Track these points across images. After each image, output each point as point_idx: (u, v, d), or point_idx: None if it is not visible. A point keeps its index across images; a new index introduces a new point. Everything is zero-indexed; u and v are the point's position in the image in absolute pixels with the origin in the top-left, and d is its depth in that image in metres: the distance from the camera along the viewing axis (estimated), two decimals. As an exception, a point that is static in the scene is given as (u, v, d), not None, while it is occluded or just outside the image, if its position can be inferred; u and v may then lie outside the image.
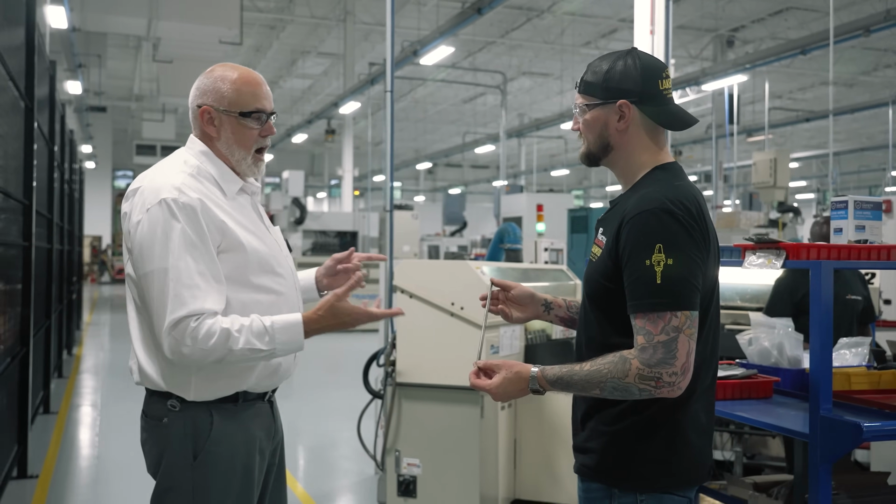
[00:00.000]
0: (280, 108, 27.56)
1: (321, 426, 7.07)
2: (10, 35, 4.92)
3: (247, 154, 2.10)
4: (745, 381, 2.74)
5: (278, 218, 15.59)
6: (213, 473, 2.00)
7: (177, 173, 2.02)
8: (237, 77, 2.08)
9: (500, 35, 19.01)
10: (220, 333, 1.89)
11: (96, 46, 18.48)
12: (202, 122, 2.08)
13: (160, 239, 1.92)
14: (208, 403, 2.01)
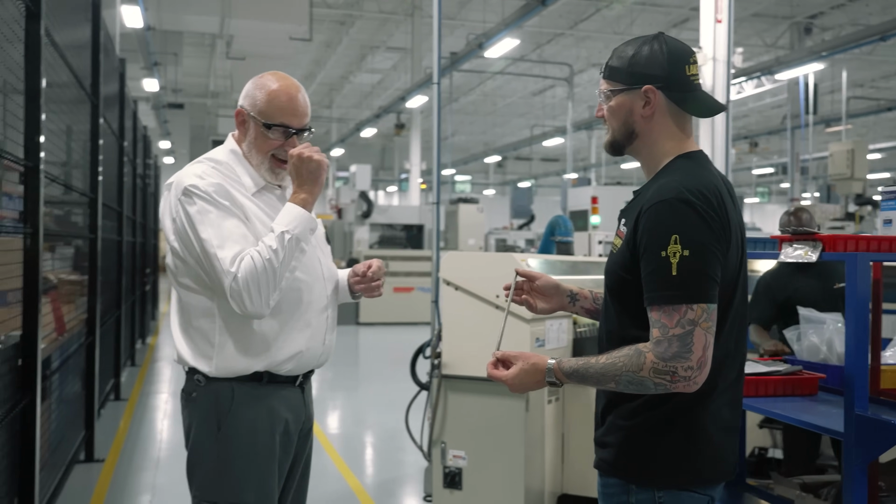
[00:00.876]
0: (350, 103, 27.96)
1: (382, 417, 7.14)
2: (77, 35, 5.10)
3: (263, 159, 2.19)
4: (789, 377, 2.66)
5: (346, 211, 15.77)
6: (234, 447, 2.11)
7: (201, 165, 2.16)
8: (275, 88, 2.16)
9: (569, 27, 18.80)
10: (248, 260, 2.00)
11: (173, 45, 18.97)
12: (237, 122, 2.23)
13: (189, 223, 2.06)
14: (231, 380, 2.12)
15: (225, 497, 2.12)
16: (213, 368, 2.12)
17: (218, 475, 2.12)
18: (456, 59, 14.49)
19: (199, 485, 2.15)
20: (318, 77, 24.61)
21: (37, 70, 3.49)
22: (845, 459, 2.04)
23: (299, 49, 20.07)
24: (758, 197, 34.23)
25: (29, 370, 3.48)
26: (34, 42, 3.49)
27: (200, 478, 2.15)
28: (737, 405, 1.87)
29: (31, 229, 3.47)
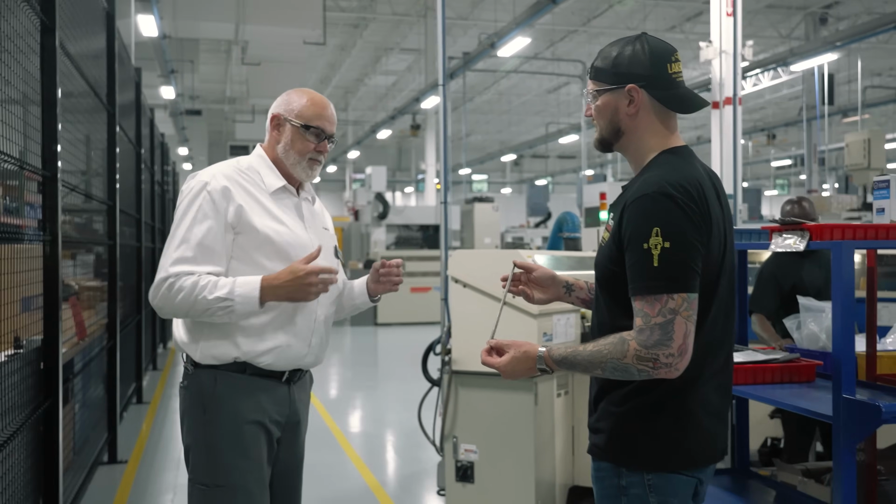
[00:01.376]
0: (365, 105, 28.10)
1: (399, 415, 7.24)
2: (92, 46, 5.22)
3: (300, 159, 2.39)
4: (786, 365, 2.71)
5: (362, 213, 15.87)
6: (219, 432, 2.25)
7: (224, 165, 2.36)
8: (311, 97, 2.41)
9: (582, 24, 18.81)
10: (190, 285, 2.19)
11: (189, 52, 19.16)
12: (271, 126, 2.41)
13: (184, 211, 2.27)
14: (215, 368, 2.27)
15: (213, 479, 2.26)
16: (198, 354, 2.28)
17: (206, 459, 2.27)
18: (469, 58, 14.54)
19: (191, 468, 2.32)
20: (334, 80, 24.77)
21: (52, 82, 3.59)
22: (834, 442, 2.09)
23: (314, 53, 20.22)
24: (777, 189, 34.05)
25: (51, 373, 3.58)
26: (49, 55, 3.60)
27: (192, 462, 2.31)
28: (725, 391, 1.93)
29: (49, 237, 3.58)
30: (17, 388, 3.12)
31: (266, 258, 2.28)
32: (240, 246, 2.28)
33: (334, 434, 6.53)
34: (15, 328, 3.19)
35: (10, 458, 2.97)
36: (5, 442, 2.85)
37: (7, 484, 2.93)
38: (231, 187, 2.28)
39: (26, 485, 3.32)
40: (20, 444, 3.17)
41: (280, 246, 2.30)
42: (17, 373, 3.13)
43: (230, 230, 2.26)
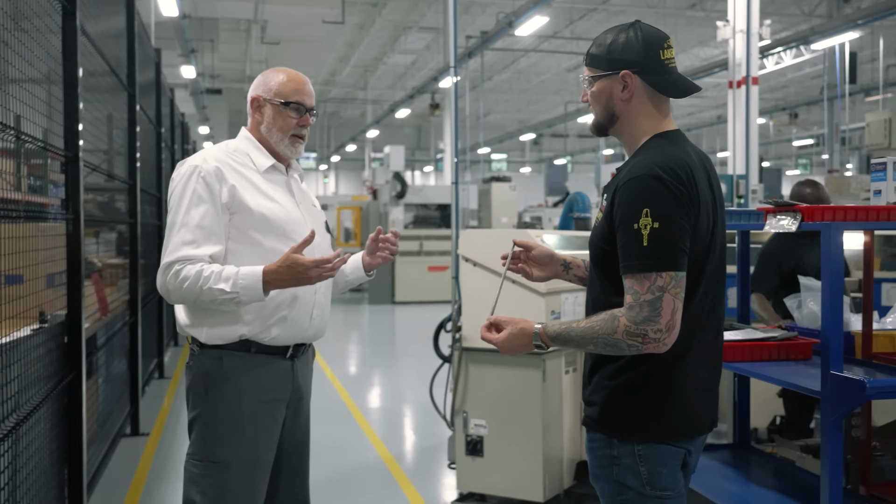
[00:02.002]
0: (384, 84, 28.08)
1: (416, 391, 7.36)
2: (112, 28, 5.33)
3: (283, 136, 2.47)
4: (783, 343, 2.78)
5: (381, 192, 15.96)
6: (220, 409, 2.33)
7: (213, 149, 2.43)
8: (284, 76, 2.47)
9: (601, 2, 18.70)
10: (194, 275, 2.24)
11: (209, 32, 19.24)
12: (252, 109, 2.48)
13: (179, 197, 2.33)
14: (220, 348, 2.34)
15: (209, 456, 2.34)
16: (203, 335, 2.35)
17: (205, 436, 2.35)
18: (486, 38, 14.54)
19: (191, 444, 2.40)
20: (353, 59, 24.77)
21: (73, 64, 3.70)
22: (822, 416, 2.17)
23: (332, 32, 20.24)
24: (799, 169, 33.73)
25: (74, 347, 3.72)
26: (70, 38, 3.70)
27: (193, 438, 2.39)
28: (714, 365, 2.00)
29: (72, 215, 3.70)
30: (41, 361, 3.26)
31: (262, 235, 2.34)
32: (235, 226, 2.33)
33: (350, 410, 6.67)
34: (40, 303, 3.32)
35: (35, 427, 3.10)
36: (31, 412, 2.98)
37: (33, 452, 3.06)
38: (222, 168, 2.34)
39: (52, 453, 3.46)
40: (45, 414, 3.30)
41: (275, 223, 2.35)
42: (41, 346, 3.26)
43: (225, 211, 2.32)
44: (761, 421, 4.70)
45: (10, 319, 2.82)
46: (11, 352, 2.76)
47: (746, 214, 2.67)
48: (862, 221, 2.29)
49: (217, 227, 2.31)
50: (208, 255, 2.28)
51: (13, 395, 2.78)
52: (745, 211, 2.72)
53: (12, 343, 2.78)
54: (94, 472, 4.40)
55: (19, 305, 3.01)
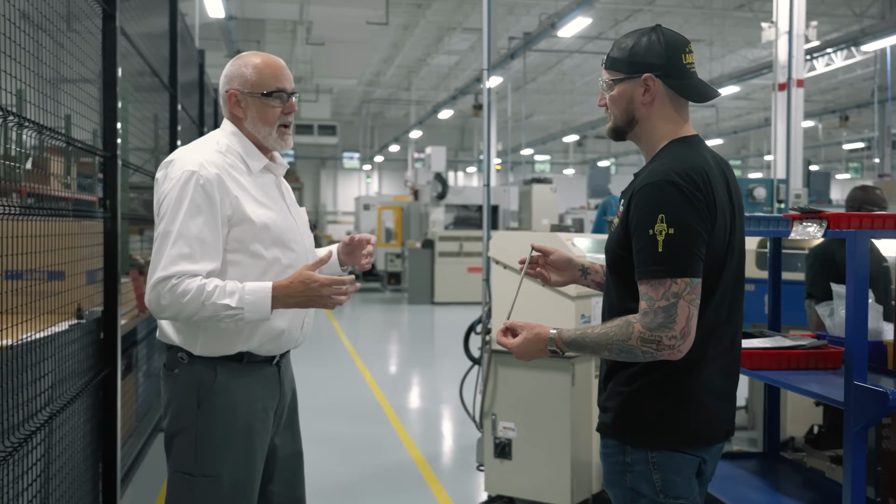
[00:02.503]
0: (428, 84, 28.15)
1: (451, 392, 7.37)
2: (155, 30, 5.43)
3: (271, 129, 2.30)
4: (812, 351, 2.73)
5: (422, 193, 16.00)
6: (215, 422, 2.22)
7: (205, 150, 2.26)
8: (259, 62, 2.30)
9: (647, 2, 18.53)
10: (196, 290, 2.10)
11: (256, 33, 19.49)
12: (230, 105, 2.32)
13: (175, 204, 2.16)
14: (213, 359, 2.23)
15: (200, 469, 2.22)
16: (198, 348, 2.22)
17: (195, 449, 2.22)
18: (529, 39, 14.50)
19: (175, 457, 2.26)
20: (397, 60, 24.88)
21: (113, 66, 3.77)
22: (844, 427, 2.13)
23: (377, 33, 20.35)
24: (849, 173, 33.03)
25: (110, 342, 3.80)
26: (110, 40, 3.78)
27: (178, 451, 2.25)
28: (731, 373, 1.98)
29: (109, 213, 3.78)
30: (77, 356, 3.33)
31: (263, 247, 2.23)
32: (236, 238, 2.20)
33: (385, 410, 6.70)
34: (77, 299, 3.41)
35: (69, 420, 3.17)
36: (65, 405, 3.05)
37: (68, 444, 3.13)
38: (223, 177, 2.19)
39: (87, 446, 3.54)
40: (80, 408, 3.38)
41: (276, 233, 2.25)
42: (77, 341, 3.33)
43: (226, 224, 2.18)
44: (799, 430, 4.62)
45: (49, 314, 2.89)
46: (46, 346, 2.83)
47: (775, 221, 2.63)
48: (889, 230, 2.25)
49: (216, 240, 2.16)
50: (206, 271, 2.14)
51: (47, 389, 2.86)
52: (771, 217, 2.68)
53: (47, 338, 2.85)
54: (129, 465, 4.49)
55: (58, 301, 3.10)
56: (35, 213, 2.75)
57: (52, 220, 2.93)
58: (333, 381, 8.00)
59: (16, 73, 2.42)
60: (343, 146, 32.31)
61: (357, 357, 9.35)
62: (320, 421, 6.27)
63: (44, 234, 2.81)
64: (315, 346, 10.39)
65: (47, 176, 4.05)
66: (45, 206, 2.90)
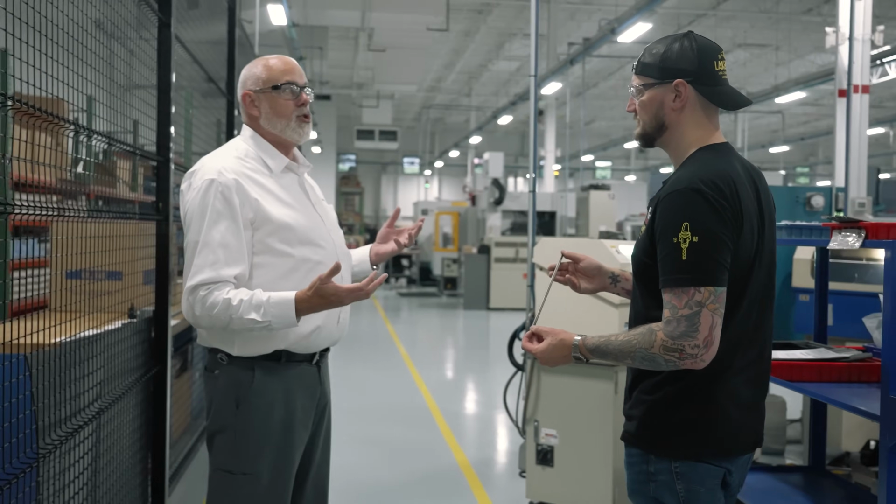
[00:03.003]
0: (489, 90, 28.19)
1: (500, 397, 7.37)
2: (213, 38, 5.58)
3: (288, 121, 2.35)
4: (854, 364, 2.67)
5: (479, 198, 16.02)
6: (253, 421, 2.28)
7: (225, 157, 2.32)
8: (268, 61, 2.38)
9: (711, 7, 18.25)
10: (223, 304, 2.16)
11: (319, 39, 19.81)
12: (246, 106, 2.38)
13: (198, 214, 2.23)
14: (252, 359, 2.29)
15: (239, 467, 2.28)
16: (235, 349, 2.28)
17: (235, 447, 2.29)
18: (588, 45, 14.41)
19: (216, 455, 2.34)
20: (458, 66, 24.99)
21: (167, 73, 3.88)
22: (881, 441, 2.08)
23: (438, 39, 20.48)
24: (923, 182, 31.90)
25: (160, 341, 3.91)
26: (165, 48, 3.89)
27: (218, 449, 2.33)
28: (759, 384, 1.95)
29: (161, 216, 3.90)
30: (127, 354, 3.44)
31: (289, 245, 2.27)
32: (261, 240, 2.25)
33: (433, 414, 6.73)
34: (130, 298, 3.52)
35: (118, 416, 3.28)
36: (113, 401, 3.16)
37: (117, 439, 3.24)
38: (242, 181, 2.24)
39: (136, 441, 3.65)
40: (130, 403, 3.48)
41: (301, 232, 2.29)
42: (127, 339, 3.44)
43: (248, 227, 2.23)
44: (855, 444, 4.50)
45: (104, 313, 3.00)
46: (96, 343, 2.93)
47: (815, 230, 2.57)
48: (931, 240, 2.18)
49: (239, 244, 2.22)
50: (232, 275, 2.20)
51: (96, 385, 2.96)
52: (811, 226, 2.63)
53: (97, 336, 2.95)
54: (180, 461, 4.60)
55: (114, 300, 3.22)
56: (98, 215, 2.87)
57: (113, 222, 3.04)
58: (385, 385, 8.06)
59: (89, 78, 2.54)
60: (403, 151, 32.54)
61: (410, 361, 9.41)
62: (369, 424, 6.34)
63: (104, 236, 2.92)
64: (369, 350, 10.49)
65: (112, 180, 4.22)
66: (107, 209, 3.01)
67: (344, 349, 10.47)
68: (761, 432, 1.97)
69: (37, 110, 2.21)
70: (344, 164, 34.00)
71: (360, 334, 12.03)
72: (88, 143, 2.90)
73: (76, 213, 2.53)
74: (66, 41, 2.35)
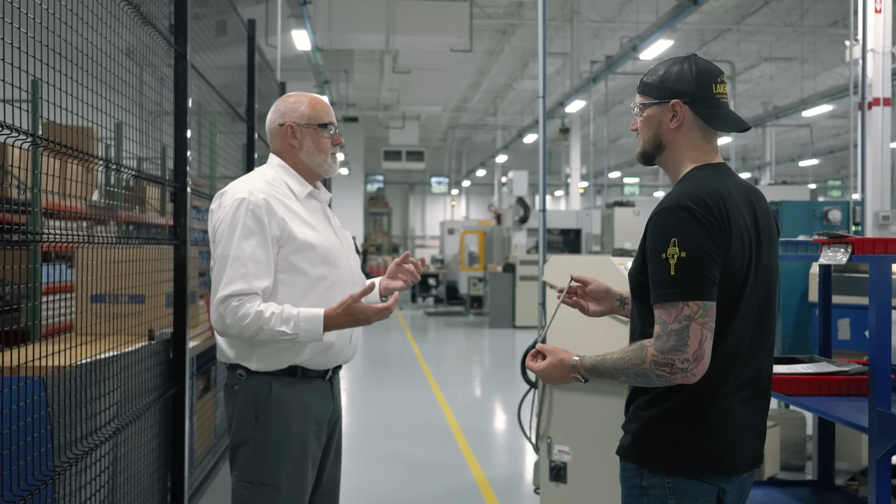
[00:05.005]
0: (514, 109, 28.33)
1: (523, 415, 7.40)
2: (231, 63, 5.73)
3: (325, 157, 2.57)
4: (853, 377, 2.68)
5: (504, 217, 16.05)
6: (270, 434, 2.41)
7: (254, 180, 2.50)
8: (310, 100, 2.59)
9: (735, 22, 18.23)
10: (255, 315, 2.31)
11: (344, 63, 20.07)
12: (286, 136, 2.55)
13: (229, 230, 2.38)
14: (269, 374, 2.42)
15: (260, 478, 2.42)
16: (253, 364, 2.43)
17: (255, 459, 2.42)
18: (611, 62, 14.46)
19: (238, 467, 2.47)
20: (483, 85, 25.16)
21: (183, 101, 4.01)
22: (868, 453, 2.09)
23: (462, 60, 20.66)
24: (959, 193, 31.40)
25: (179, 362, 4.01)
26: (181, 77, 4.02)
27: (240, 461, 2.46)
28: (756, 403, 1.95)
29: (179, 240, 4.01)
30: (144, 375, 3.53)
31: (311, 265, 2.42)
32: (284, 257, 2.40)
33: (454, 432, 6.77)
34: (152, 320, 3.63)
35: (137, 435, 3.37)
36: (133, 419, 3.25)
37: (134, 458, 3.33)
38: (270, 201, 2.40)
39: (156, 460, 3.74)
40: (148, 423, 3.58)
41: (321, 252, 2.44)
42: (144, 360, 3.54)
43: (275, 244, 2.39)
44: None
45: (124, 335, 3.10)
46: (112, 365, 3.03)
47: (803, 245, 2.60)
48: (913, 254, 2.20)
49: (267, 259, 2.37)
50: (261, 288, 2.35)
51: (113, 405, 3.05)
52: (800, 242, 2.65)
53: (112, 358, 3.05)
54: (202, 479, 4.69)
55: (135, 322, 3.33)
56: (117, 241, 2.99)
57: (133, 246, 3.16)
58: (407, 403, 8.12)
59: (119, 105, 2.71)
60: (431, 171, 32.71)
61: (433, 380, 9.46)
62: (389, 442, 6.39)
63: (127, 260, 3.04)
64: (394, 369, 10.56)
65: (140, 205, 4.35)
66: (125, 235, 3.13)
67: (369, 368, 10.56)
68: (760, 451, 1.97)
69: (63, 147, 2.36)
70: (372, 185, 34.25)
71: (386, 354, 12.10)
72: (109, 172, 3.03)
73: (99, 239, 2.66)
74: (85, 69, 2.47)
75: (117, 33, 2.89)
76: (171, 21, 3.80)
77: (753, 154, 32.56)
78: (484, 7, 18.15)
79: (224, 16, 5.51)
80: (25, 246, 2.22)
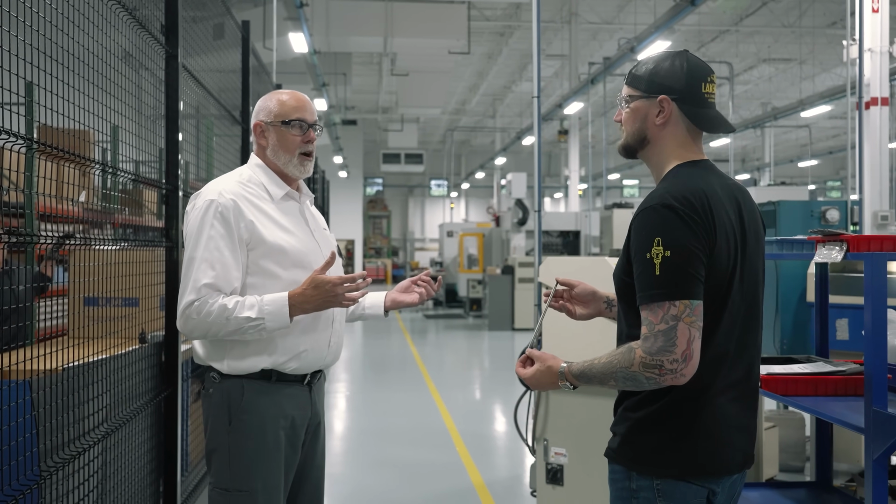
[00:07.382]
0: (513, 112, 28.30)
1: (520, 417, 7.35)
2: (226, 65, 5.70)
3: (291, 157, 2.46)
4: (850, 377, 2.64)
5: (503, 219, 16.03)
6: (244, 439, 2.35)
7: (227, 181, 2.43)
8: (284, 96, 2.49)
9: (734, 23, 18.22)
10: (219, 309, 2.26)
11: (342, 65, 20.05)
12: (256, 135, 2.50)
13: (196, 232, 2.34)
14: (242, 378, 2.37)
15: (235, 484, 2.35)
16: (225, 366, 2.37)
17: (229, 465, 2.36)
18: (609, 64, 14.44)
19: (214, 473, 2.41)
20: (482, 88, 25.13)
21: (175, 102, 3.99)
22: (865, 453, 2.06)
23: (461, 62, 20.65)
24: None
25: (171, 365, 3.97)
26: (172, 79, 3.99)
27: (215, 467, 2.40)
28: (746, 403, 1.92)
29: (170, 243, 3.98)
30: (135, 378, 3.50)
31: (282, 268, 2.35)
32: (254, 260, 2.34)
33: (452, 435, 6.74)
34: (146, 323, 3.60)
35: (129, 438, 3.34)
36: (123, 423, 3.22)
37: (125, 461, 3.30)
38: (239, 203, 2.34)
39: (148, 464, 3.71)
40: (140, 427, 3.55)
41: (293, 255, 2.37)
42: (135, 364, 3.51)
43: (243, 247, 2.33)
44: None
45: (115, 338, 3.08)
46: (100, 368, 3.00)
47: (800, 244, 2.57)
48: (908, 251, 2.17)
49: (235, 262, 2.31)
50: (229, 290, 2.30)
51: (103, 408, 3.02)
52: (795, 240, 2.62)
53: (101, 361, 3.02)
54: (195, 485, 4.65)
55: (127, 325, 3.30)
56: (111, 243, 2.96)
57: (126, 249, 3.13)
58: (405, 406, 8.08)
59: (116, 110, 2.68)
60: (430, 174, 32.70)
61: (431, 383, 9.42)
62: (387, 445, 6.36)
63: (120, 262, 3.01)
64: (392, 371, 10.53)
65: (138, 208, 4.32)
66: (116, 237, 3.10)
67: (368, 371, 10.52)
68: (750, 452, 1.93)
69: (59, 150, 2.34)
70: (371, 188, 34.23)
71: (384, 356, 12.07)
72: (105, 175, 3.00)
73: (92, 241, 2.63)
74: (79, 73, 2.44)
75: (108, 36, 2.86)
76: (162, 22, 3.78)
77: (753, 155, 32.56)
78: (482, 9, 18.13)
79: (219, 19, 5.48)
80: (21, 248, 2.19)
